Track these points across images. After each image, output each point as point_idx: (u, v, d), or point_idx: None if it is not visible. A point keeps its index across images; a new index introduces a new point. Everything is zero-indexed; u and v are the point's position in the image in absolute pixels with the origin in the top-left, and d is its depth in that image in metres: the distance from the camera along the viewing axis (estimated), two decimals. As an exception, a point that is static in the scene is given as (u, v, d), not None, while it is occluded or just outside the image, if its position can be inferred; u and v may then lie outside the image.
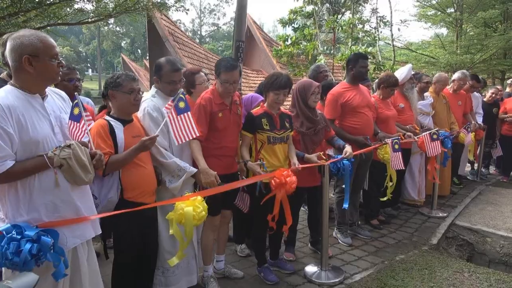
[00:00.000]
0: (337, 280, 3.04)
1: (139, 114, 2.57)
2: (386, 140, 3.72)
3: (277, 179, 2.67)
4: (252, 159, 2.93)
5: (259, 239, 3.15)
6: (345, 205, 3.31)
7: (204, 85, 3.12)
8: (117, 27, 47.63)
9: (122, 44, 53.13)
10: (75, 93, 1.99)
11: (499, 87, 6.84)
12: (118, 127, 2.32)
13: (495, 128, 6.43)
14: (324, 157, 3.06)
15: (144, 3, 7.98)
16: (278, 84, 2.84)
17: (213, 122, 2.69)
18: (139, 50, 52.54)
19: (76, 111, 1.91)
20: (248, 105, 3.52)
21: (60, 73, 1.79)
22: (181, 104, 2.35)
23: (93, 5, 8.02)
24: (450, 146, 4.74)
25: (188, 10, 9.48)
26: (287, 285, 3.02)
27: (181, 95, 2.37)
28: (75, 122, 1.91)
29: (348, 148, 3.18)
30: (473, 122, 5.57)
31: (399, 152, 3.72)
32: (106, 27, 44.07)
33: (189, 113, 2.39)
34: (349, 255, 3.58)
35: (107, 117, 2.36)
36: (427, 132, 4.23)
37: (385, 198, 4.03)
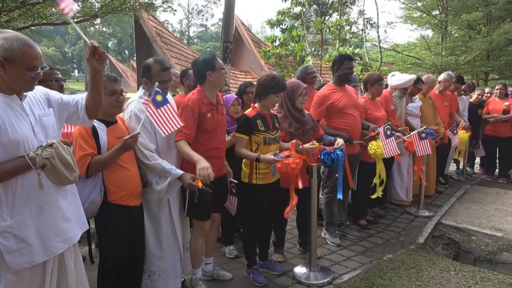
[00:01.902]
0: (325, 280, 3.05)
1: (126, 116, 2.53)
2: (378, 129, 3.75)
3: (278, 165, 2.73)
4: (248, 162, 2.93)
5: (250, 240, 3.14)
6: (339, 196, 3.28)
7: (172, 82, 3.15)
8: (103, 28, 47.01)
9: (109, 45, 52.51)
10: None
11: (487, 89, 6.96)
12: (101, 128, 2.29)
13: (479, 129, 6.55)
14: (317, 143, 3.05)
15: (131, 3, 7.88)
16: (280, 87, 2.87)
17: (202, 123, 2.66)
18: (126, 51, 52.02)
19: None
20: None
21: (36, 83, 1.74)
22: (159, 98, 2.35)
23: (78, 5, 7.89)
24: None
25: (175, 11, 9.41)
26: (276, 287, 3.01)
27: (157, 89, 2.36)
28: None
29: (339, 140, 3.19)
30: (461, 120, 5.68)
31: (392, 138, 3.74)
32: (92, 28, 43.48)
33: (168, 105, 2.38)
34: (338, 255, 3.59)
35: None
36: (415, 131, 4.28)
37: (374, 196, 4.04)
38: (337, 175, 3.28)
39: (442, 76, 5.53)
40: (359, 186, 4.12)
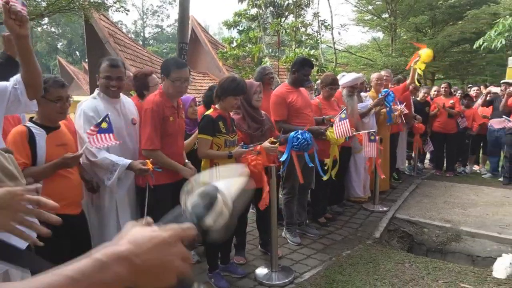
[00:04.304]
0: (287, 280, 3.06)
1: (76, 114, 2.47)
2: (333, 118, 3.84)
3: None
4: (207, 164, 2.88)
5: (213, 244, 3.07)
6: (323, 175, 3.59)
7: (157, 87, 3.03)
8: (52, 28, 44.68)
9: (58, 46, 49.87)
10: None
11: (435, 88, 7.40)
12: (40, 134, 2.13)
13: (427, 126, 6.92)
14: (275, 139, 3.07)
15: (80, 2, 7.51)
16: (240, 90, 2.84)
17: (165, 127, 2.59)
18: (77, 52, 49.63)
19: None
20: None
21: None
22: (104, 125, 2.27)
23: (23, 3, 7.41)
24: (391, 102, 5.05)
25: (128, 10, 9.11)
26: (238, 290, 2.99)
27: (107, 118, 2.29)
28: None
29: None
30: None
31: (346, 120, 3.77)
32: (39, 28, 41.17)
33: (111, 135, 2.30)
34: (298, 254, 3.63)
35: (28, 123, 2.16)
36: (366, 131, 4.42)
37: (326, 177, 3.96)
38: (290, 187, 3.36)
39: (382, 73, 5.78)
40: (317, 184, 4.18)
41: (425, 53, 5.14)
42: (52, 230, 2.10)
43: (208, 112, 2.92)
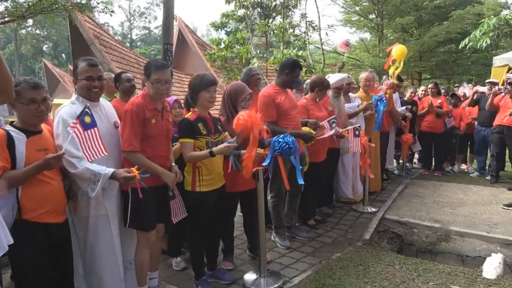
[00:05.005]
0: (276, 285, 2.99)
1: (55, 121, 2.34)
2: (322, 123, 3.83)
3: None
4: (190, 168, 2.80)
5: (197, 250, 3.00)
6: (300, 181, 3.30)
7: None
8: (37, 30, 43.99)
9: (44, 48, 49.10)
10: None
11: (422, 87, 7.43)
12: (19, 138, 2.04)
13: (414, 125, 6.94)
14: (261, 150, 3.01)
15: (62, 3, 7.30)
16: (207, 81, 2.79)
17: (145, 129, 2.52)
18: (63, 55, 48.93)
19: None
20: None
21: None
22: (87, 119, 2.16)
23: (1, 4, 7.21)
24: (383, 109, 5.03)
25: (113, 12, 8.93)
26: (225, 297, 2.91)
27: (86, 109, 2.18)
28: None
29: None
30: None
31: (333, 130, 3.95)
32: (23, 30, 40.48)
33: (95, 128, 2.20)
34: (288, 258, 3.56)
35: (8, 127, 2.08)
36: (352, 126, 4.39)
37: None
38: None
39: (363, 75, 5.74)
40: (306, 187, 4.12)
41: (396, 49, 5.50)
42: (29, 242, 2.00)
43: (187, 115, 2.85)
